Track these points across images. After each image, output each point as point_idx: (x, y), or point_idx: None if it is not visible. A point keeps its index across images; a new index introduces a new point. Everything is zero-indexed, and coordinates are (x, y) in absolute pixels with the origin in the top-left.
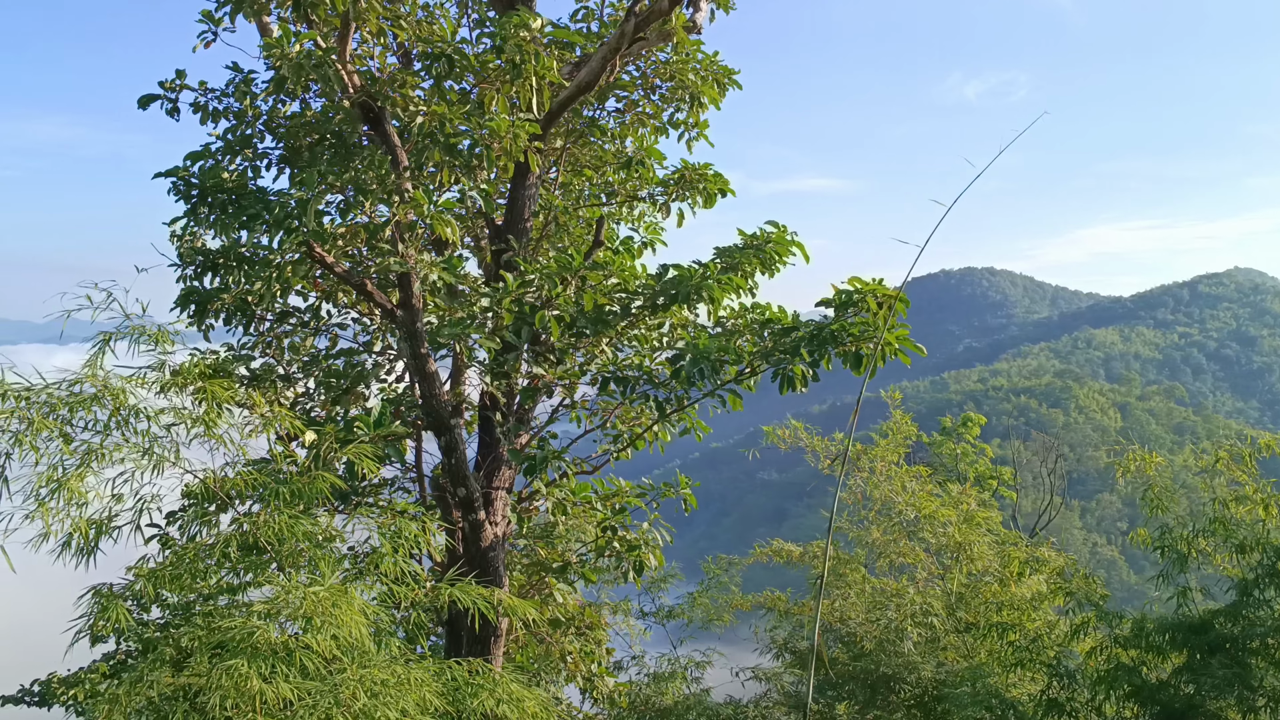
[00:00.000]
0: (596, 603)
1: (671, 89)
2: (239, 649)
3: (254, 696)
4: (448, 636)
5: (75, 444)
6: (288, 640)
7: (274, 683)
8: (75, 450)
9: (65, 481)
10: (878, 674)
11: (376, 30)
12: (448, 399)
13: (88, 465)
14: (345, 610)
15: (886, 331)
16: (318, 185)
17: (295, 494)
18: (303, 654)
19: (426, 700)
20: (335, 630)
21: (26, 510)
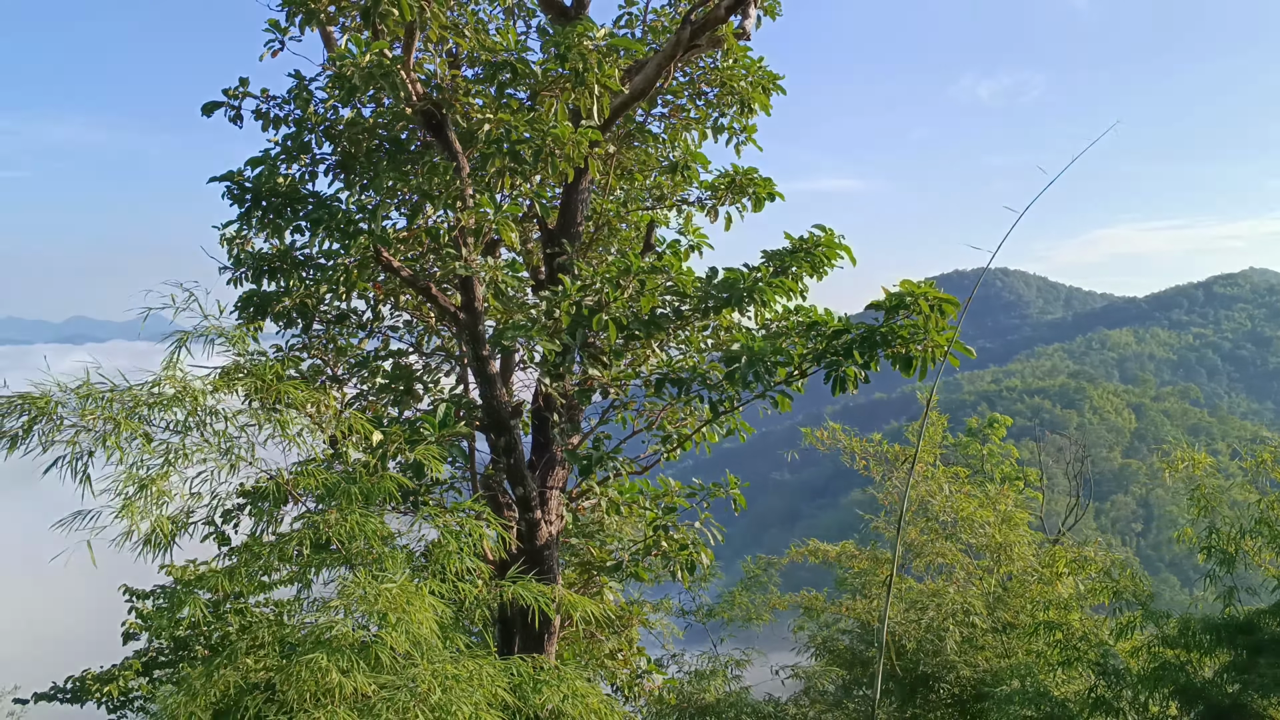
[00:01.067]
0: (639, 601)
1: (719, 94)
2: (318, 644)
3: (334, 690)
4: (500, 633)
5: (159, 444)
6: (364, 636)
7: (352, 676)
8: (158, 450)
9: (152, 480)
10: (917, 673)
11: (436, 39)
12: (507, 400)
13: (171, 465)
14: (418, 607)
15: (936, 334)
16: (385, 191)
17: (365, 493)
18: (379, 649)
19: (497, 695)
20: (410, 627)
21: (101, 507)
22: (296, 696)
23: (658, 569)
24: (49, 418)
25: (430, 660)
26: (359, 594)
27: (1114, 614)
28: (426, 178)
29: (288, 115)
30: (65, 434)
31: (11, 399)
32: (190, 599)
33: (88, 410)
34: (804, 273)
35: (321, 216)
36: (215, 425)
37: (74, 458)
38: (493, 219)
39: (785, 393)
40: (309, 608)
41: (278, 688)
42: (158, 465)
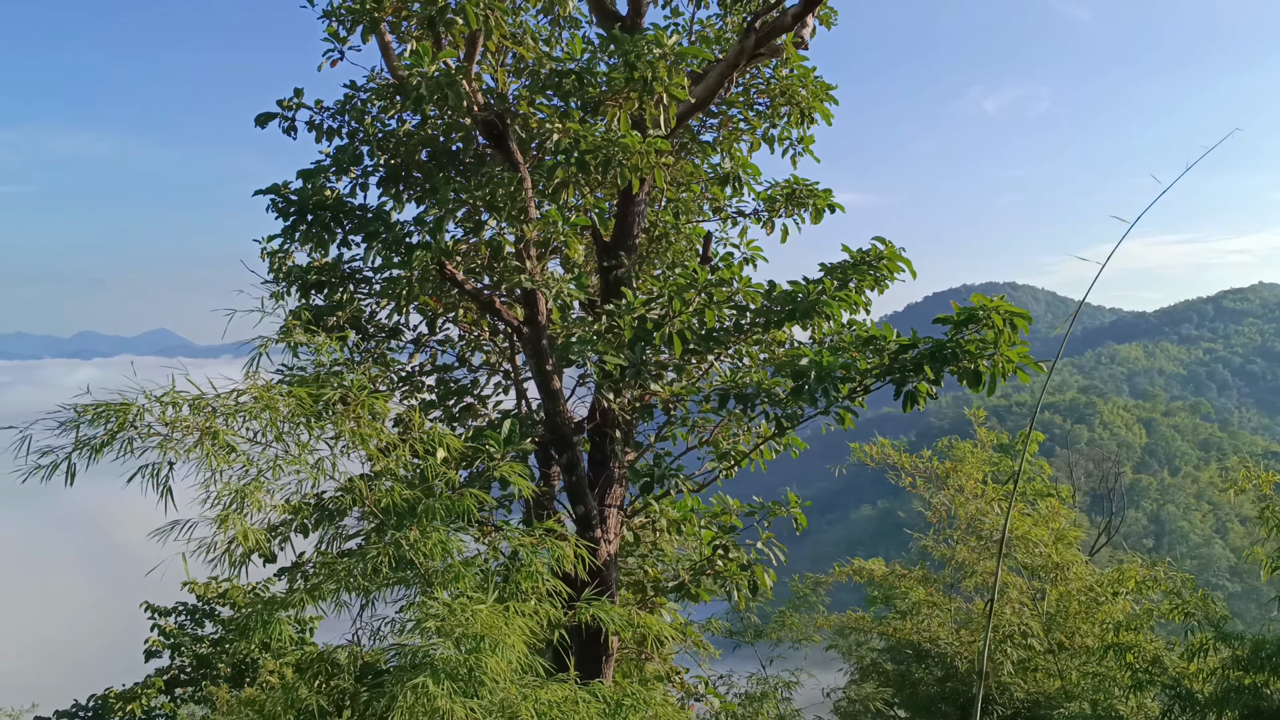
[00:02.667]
0: (690, 622)
1: (775, 103)
2: (418, 667)
3: (438, 714)
4: (553, 655)
5: (251, 454)
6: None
7: (459, 701)
8: (254, 460)
9: (246, 491)
10: (970, 694)
11: (495, 49)
12: (570, 416)
13: (264, 476)
14: (511, 630)
15: (1007, 348)
16: (450, 203)
17: (447, 511)
18: (480, 673)
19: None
20: (507, 651)
21: (188, 517)
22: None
23: (714, 589)
24: (132, 427)
25: (521, 684)
26: (457, 617)
27: (1185, 635)
28: (490, 189)
29: (340, 126)
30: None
31: (94, 407)
32: (276, 622)
33: (175, 419)
34: (867, 286)
35: (377, 230)
36: (298, 436)
37: (156, 469)
38: (561, 231)
39: (850, 409)
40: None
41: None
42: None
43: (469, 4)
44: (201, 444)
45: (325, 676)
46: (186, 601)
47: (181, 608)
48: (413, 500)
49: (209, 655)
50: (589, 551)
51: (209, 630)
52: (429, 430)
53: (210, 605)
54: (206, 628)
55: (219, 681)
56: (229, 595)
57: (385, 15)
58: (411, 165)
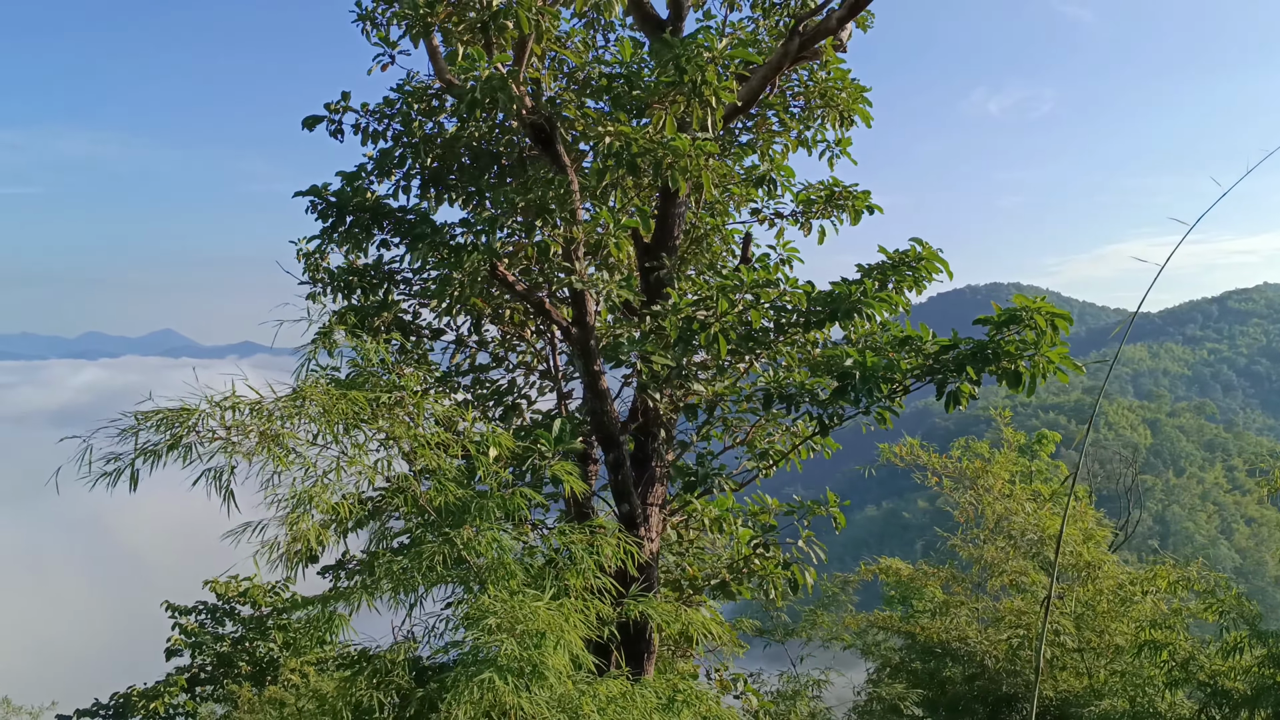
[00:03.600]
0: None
1: (811, 106)
2: (484, 663)
3: (503, 710)
4: (595, 651)
5: (309, 456)
6: (530, 656)
7: (524, 696)
8: (312, 463)
9: (313, 493)
10: (999, 693)
11: (541, 53)
12: (617, 416)
13: (327, 478)
14: (567, 627)
15: (1048, 349)
16: (503, 205)
17: (499, 509)
18: (543, 669)
19: (650, 717)
20: (568, 647)
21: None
22: (466, 716)
23: (752, 588)
24: (194, 432)
25: (577, 680)
26: (517, 613)
27: (1221, 632)
28: (540, 192)
29: (385, 129)
30: (208, 447)
31: (157, 412)
32: (339, 619)
33: (236, 423)
34: (906, 286)
35: (424, 232)
36: (355, 438)
37: (219, 472)
38: (612, 232)
39: (890, 409)
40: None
41: (441, 706)
42: (304, 477)
43: (521, 8)
44: (263, 447)
45: (381, 673)
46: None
47: (201, 606)
48: (466, 499)
49: (230, 654)
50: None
51: (229, 629)
52: (484, 430)
53: (230, 604)
54: (227, 626)
55: (240, 680)
56: (249, 594)
57: (439, 20)
58: (457, 168)
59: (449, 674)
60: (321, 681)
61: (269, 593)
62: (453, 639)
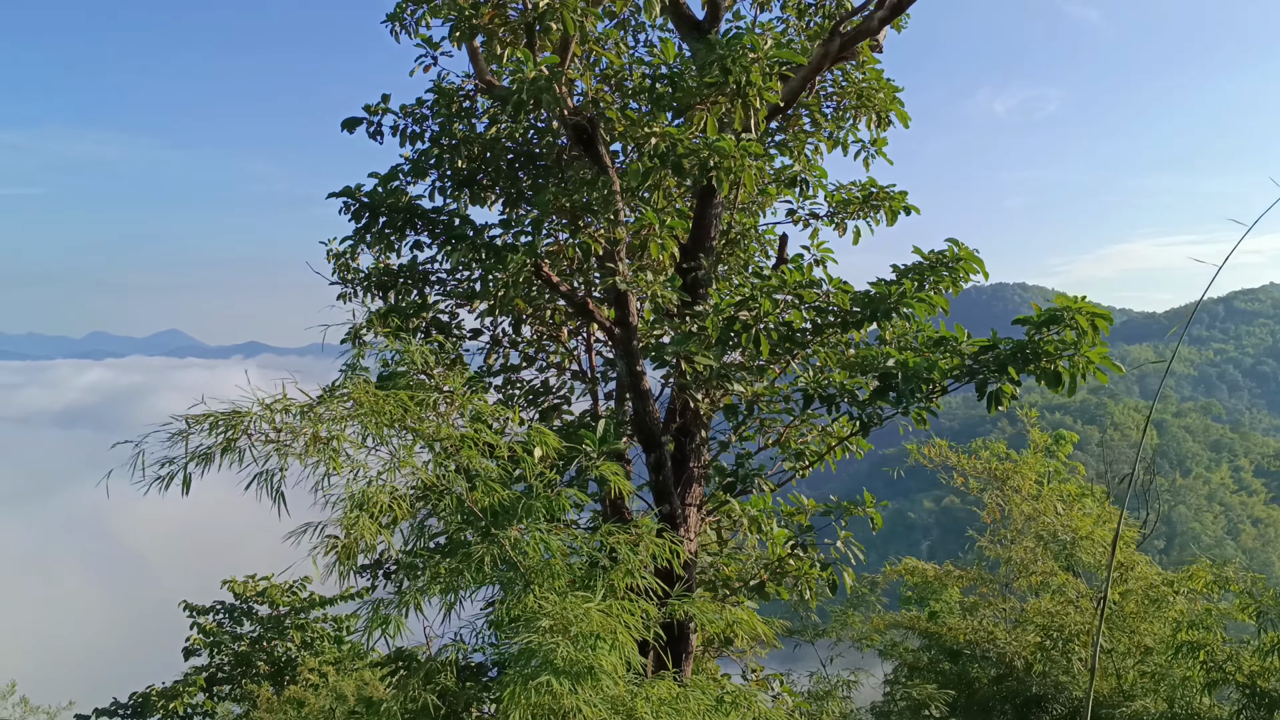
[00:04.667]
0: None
1: (845, 106)
2: (541, 665)
3: (560, 713)
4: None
5: (357, 457)
6: (585, 658)
7: (582, 699)
8: (363, 464)
9: (368, 494)
10: (1028, 694)
11: (580, 54)
12: (658, 417)
13: (380, 479)
14: (619, 628)
15: (1088, 349)
16: (548, 206)
17: (547, 510)
18: (599, 672)
19: (703, 718)
20: (621, 649)
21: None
22: (521, 719)
23: (788, 588)
24: (246, 434)
25: (629, 682)
26: (569, 614)
27: (1260, 632)
28: (583, 192)
29: (423, 131)
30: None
31: (208, 415)
32: (396, 620)
33: (285, 425)
34: (945, 287)
35: (463, 233)
36: (405, 438)
37: (269, 474)
38: (657, 233)
39: (928, 409)
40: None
41: (490, 708)
42: (356, 479)
43: (566, 10)
44: (314, 449)
45: (430, 675)
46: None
47: (219, 606)
48: (513, 500)
49: (248, 653)
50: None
51: (248, 628)
52: (531, 431)
53: (248, 603)
54: (245, 626)
55: (259, 680)
56: (268, 594)
57: (484, 22)
58: (493, 169)
59: (497, 675)
60: (341, 681)
61: (286, 592)
62: (500, 640)
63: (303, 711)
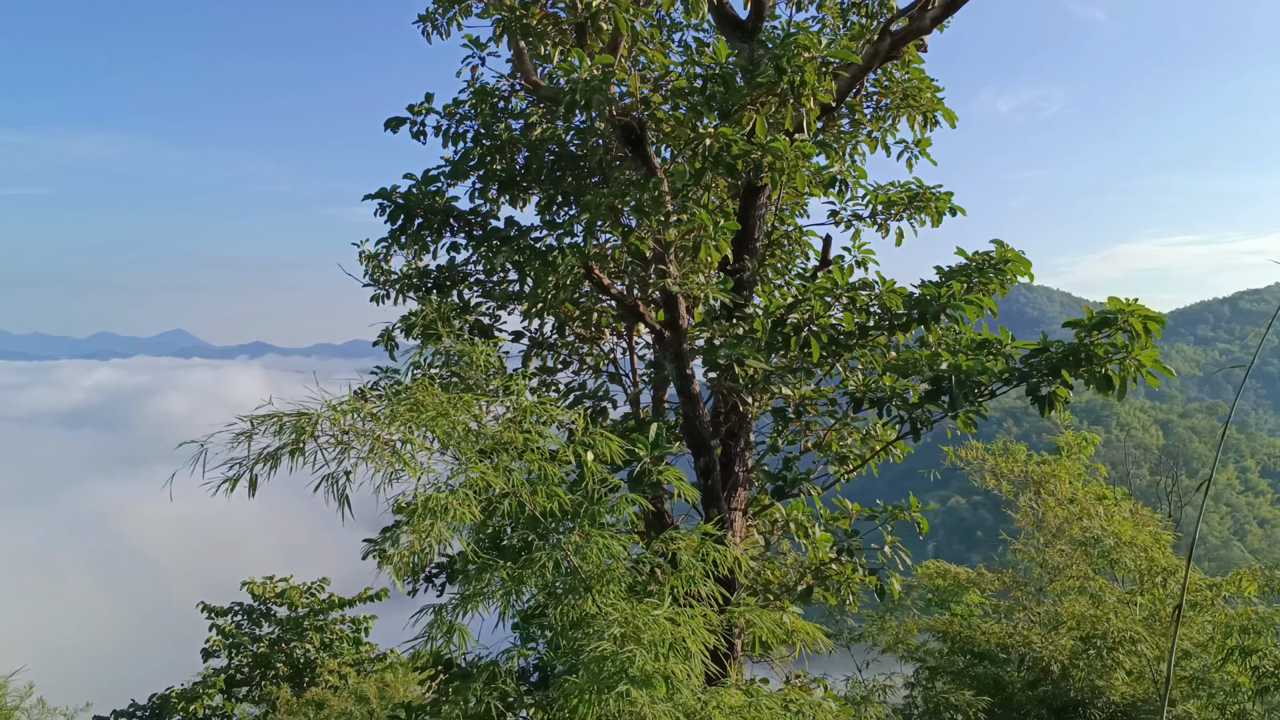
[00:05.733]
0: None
1: (889, 105)
2: (617, 673)
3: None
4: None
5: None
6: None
7: (660, 708)
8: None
9: (441, 499)
10: (1065, 698)
11: (628, 54)
12: (708, 421)
13: (450, 485)
14: (688, 635)
15: (1140, 352)
16: (599, 208)
17: (609, 514)
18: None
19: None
20: (694, 658)
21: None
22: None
23: (832, 593)
24: (313, 437)
25: (698, 690)
26: (639, 621)
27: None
28: (633, 194)
29: (465, 131)
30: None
31: (271, 416)
32: (459, 628)
33: (351, 428)
34: (993, 289)
35: (507, 235)
36: (473, 441)
37: (334, 477)
38: (711, 234)
39: (977, 412)
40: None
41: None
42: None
43: (618, 11)
44: (380, 451)
45: (489, 680)
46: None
47: (237, 607)
48: (576, 504)
49: (267, 654)
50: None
51: (266, 630)
52: (593, 434)
53: (267, 605)
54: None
55: (278, 681)
56: (287, 595)
57: (534, 23)
58: (534, 171)
59: (562, 681)
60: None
61: (305, 594)
62: (558, 645)
63: (322, 713)
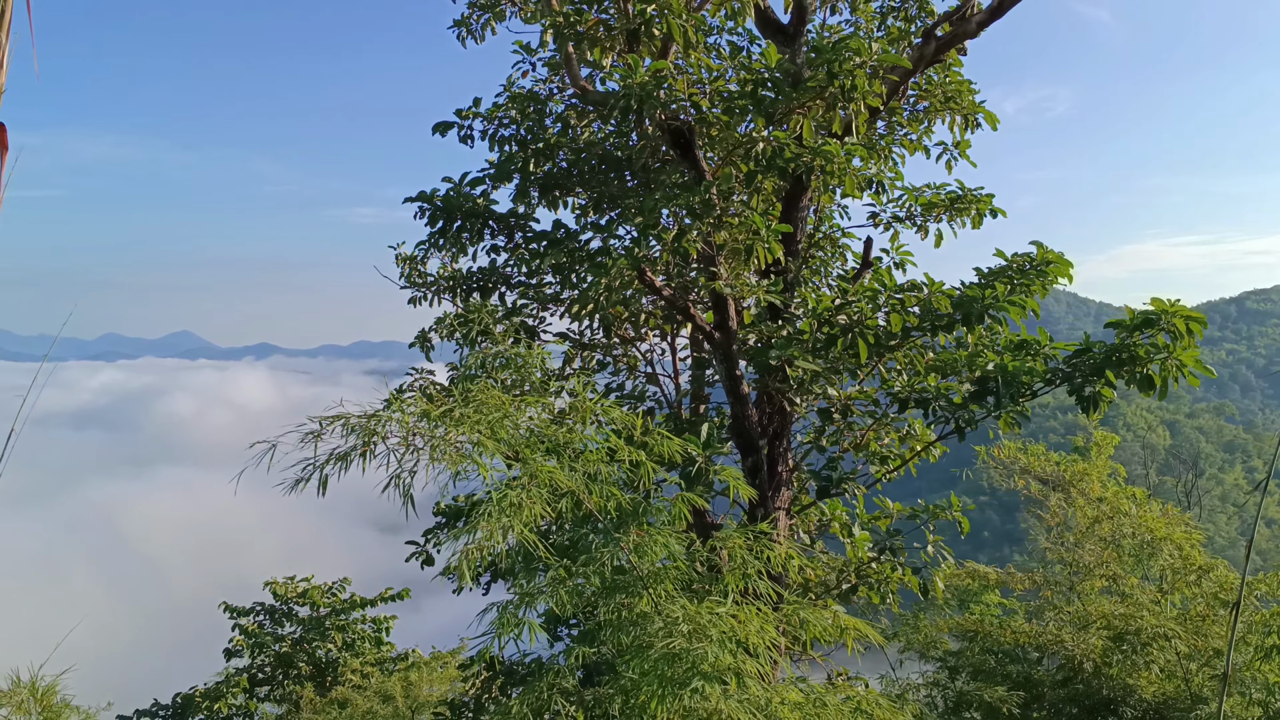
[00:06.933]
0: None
1: (929, 108)
2: (691, 671)
3: (708, 716)
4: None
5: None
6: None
7: (733, 704)
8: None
9: (514, 499)
10: (1098, 697)
11: (674, 57)
12: (756, 421)
13: (527, 485)
14: (754, 633)
15: (1182, 353)
16: (651, 213)
17: (667, 514)
18: (745, 678)
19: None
20: (763, 655)
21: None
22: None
23: (873, 591)
24: (380, 438)
25: (762, 686)
26: (704, 619)
27: None
28: (685, 197)
29: (512, 135)
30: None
31: (340, 417)
32: (531, 625)
33: (418, 429)
34: (1036, 290)
35: (556, 237)
36: (538, 444)
37: (400, 477)
38: (764, 237)
39: (1020, 413)
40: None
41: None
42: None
43: (672, 17)
44: (447, 452)
45: (554, 677)
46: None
47: (259, 607)
48: (634, 503)
49: (290, 654)
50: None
51: (289, 629)
52: (650, 434)
53: (288, 604)
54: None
55: (300, 681)
56: (309, 595)
57: (588, 29)
58: (582, 173)
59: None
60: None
61: (326, 593)
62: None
63: (345, 712)
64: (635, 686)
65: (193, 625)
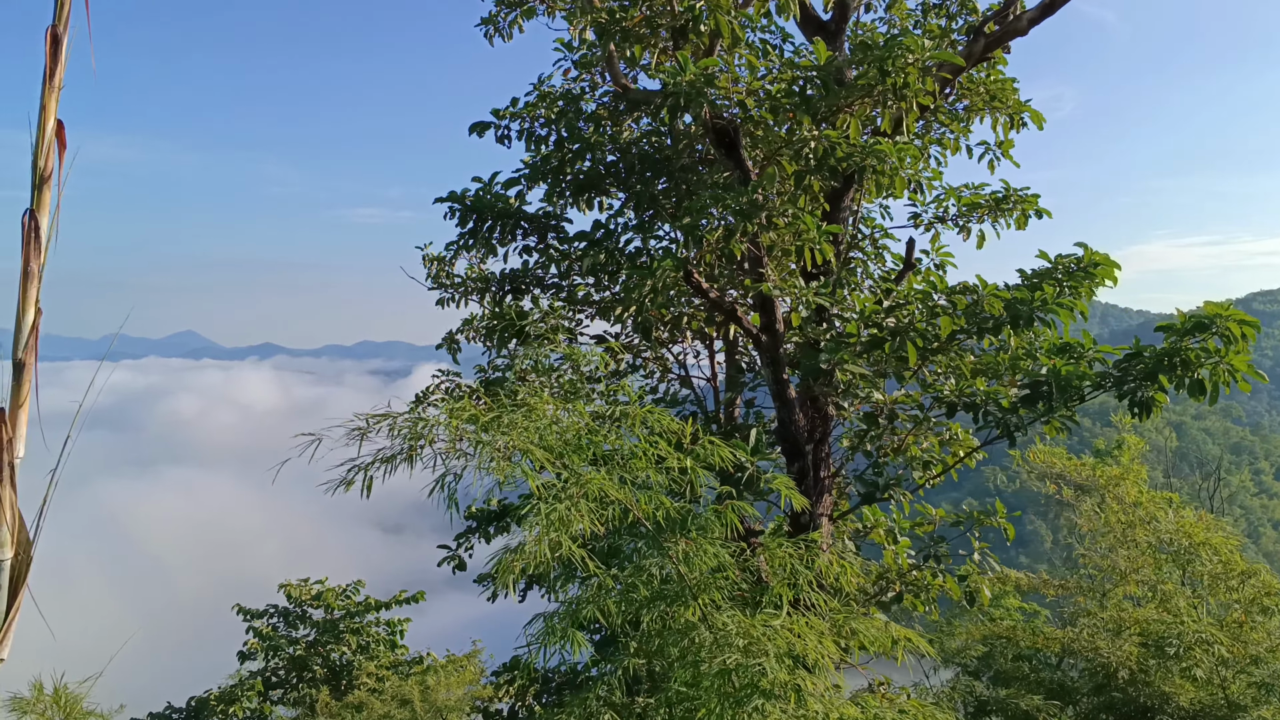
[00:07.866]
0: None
1: (971, 106)
2: (752, 688)
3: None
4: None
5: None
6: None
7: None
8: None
9: (561, 511)
10: (1136, 703)
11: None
12: (803, 425)
13: (575, 496)
14: (812, 646)
15: (1234, 356)
16: (699, 213)
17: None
18: (805, 693)
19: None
20: (821, 669)
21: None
22: None
23: (915, 599)
24: (427, 441)
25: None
26: (759, 632)
27: None
28: (732, 197)
29: (548, 135)
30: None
31: (385, 416)
32: (575, 636)
33: (464, 433)
34: (1084, 292)
35: (593, 237)
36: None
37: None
38: (815, 238)
39: (1070, 417)
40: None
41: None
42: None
43: (719, 13)
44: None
45: (601, 688)
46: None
47: (273, 610)
48: (682, 512)
49: (304, 657)
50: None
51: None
52: (703, 441)
53: (302, 607)
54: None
55: (315, 684)
56: (323, 598)
57: (633, 28)
58: (618, 173)
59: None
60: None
61: (340, 596)
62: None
63: (361, 716)
64: (681, 698)
65: (196, 625)
